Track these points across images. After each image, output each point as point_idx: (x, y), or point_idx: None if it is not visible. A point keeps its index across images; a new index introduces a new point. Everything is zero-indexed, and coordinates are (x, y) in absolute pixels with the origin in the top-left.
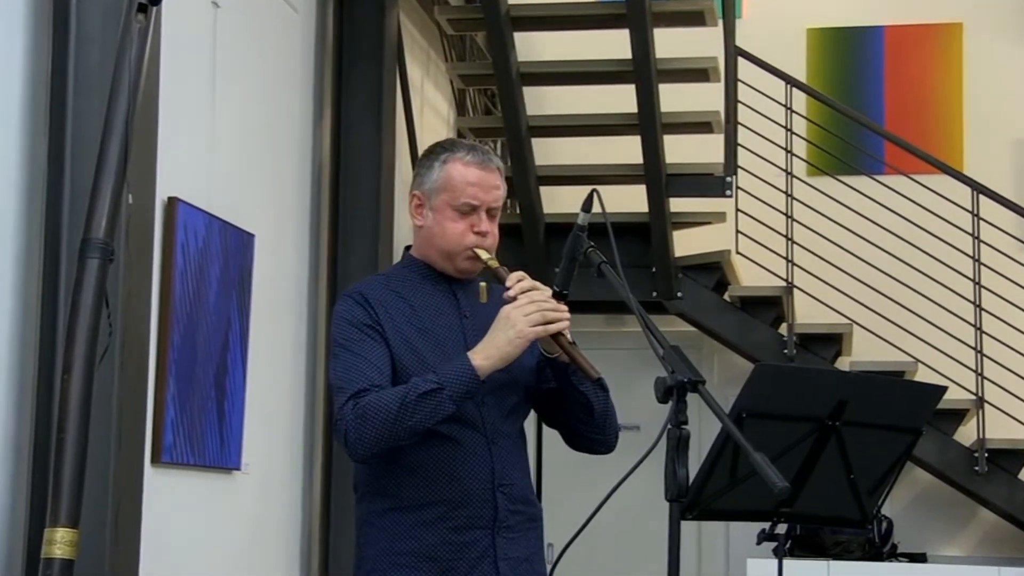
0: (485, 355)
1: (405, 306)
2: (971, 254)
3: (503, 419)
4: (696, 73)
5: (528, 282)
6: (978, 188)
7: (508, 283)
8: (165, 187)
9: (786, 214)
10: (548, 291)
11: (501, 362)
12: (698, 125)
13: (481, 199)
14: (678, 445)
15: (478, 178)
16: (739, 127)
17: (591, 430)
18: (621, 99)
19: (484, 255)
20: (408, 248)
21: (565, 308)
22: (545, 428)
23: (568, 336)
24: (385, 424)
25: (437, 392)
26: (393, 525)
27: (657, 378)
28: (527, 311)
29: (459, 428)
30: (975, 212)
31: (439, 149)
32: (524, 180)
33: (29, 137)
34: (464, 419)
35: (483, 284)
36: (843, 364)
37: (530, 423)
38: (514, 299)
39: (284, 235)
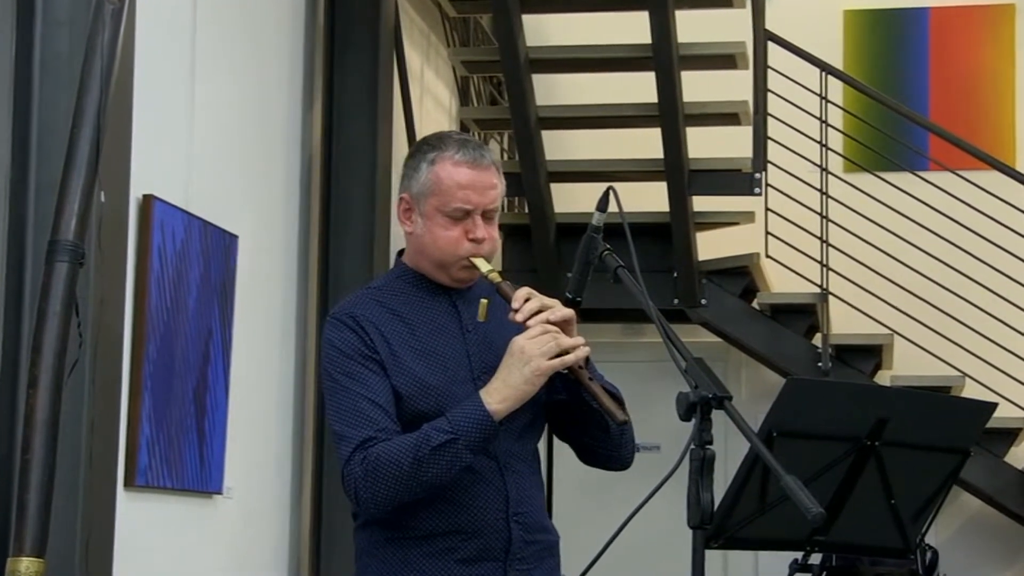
0: (501, 397)
1: (401, 326)
2: None
3: (515, 441)
4: (722, 59)
5: (536, 301)
6: None
7: (515, 304)
8: (140, 184)
9: (820, 214)
10: (559, 306)
11: (518, 403)
12: (724, 116)
13: (475, 202)
14: (702, 467)
15: (470, 179)
16: (769, 119)
17: (606, 446)
18: (640, 88)
19: (483, 266)
20: (400, 253)
21: (581, 340)
22: (557, 446)
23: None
24: (399, 481)
25: (452, 443)
26: (396, 556)
27: (679, 393)
28: (543, 343)
29: None
30: None
31: (426, 147)
32: (533, 176)
33: None
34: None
35: (484, 301)
36: (883, 378)
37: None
38: (523, 324)
39: (270, 236)
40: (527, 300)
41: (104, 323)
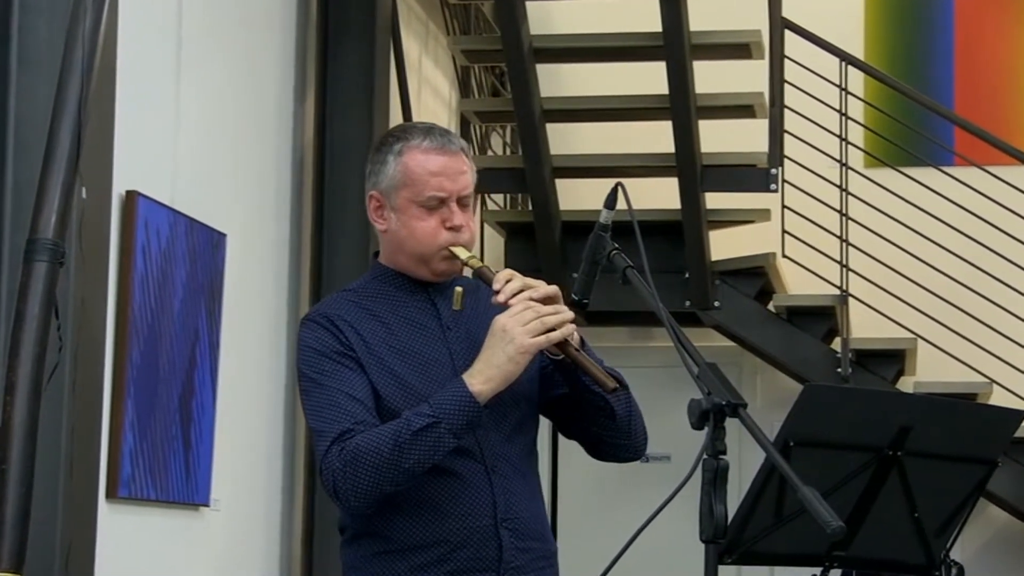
0: (485, 377)
1: (379, 325)
2: None
3: (504, 442)
4: (737, 48)
5: (518, 281)
6: None
7: (496, 285)
8: (123, 179)
9: (840, 212)
10: (542, 285)
11: (503, 383)
12: (739, 109)
13: (448, 189)
14: (715, 478)
15: (441, 166)
16: (786, 111)
17: (615, 435)
18: (650, 78)
19: (463, 253)
20: (376, 255)
21: (565, 308)
22: (561, 456)
23: (575, 339)
24: (379, 469)
25: (433, 427)
26: (384, 571)
27: (691, 401)
28: (525, 319)
29: (453, 457)
30: None
31: (390, 139)
32: (537, 172)
33: None
34: (458, 446)
35: (458, 289)
36: (906, 385)
37: (542, 447)
38: (505, 304)
39: (260, 235)
40: (508, 281)
41: (85, 326)
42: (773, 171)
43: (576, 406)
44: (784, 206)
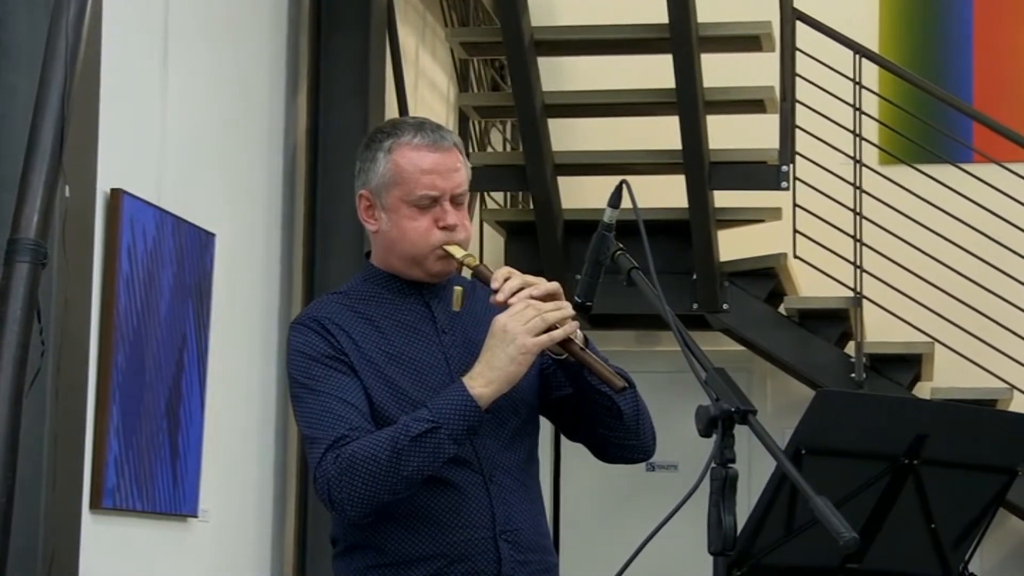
0: (486, 380)
1: (371, 329)
2: None
3: (503, 449)
4: (746, 40)
5: (517, 279)
6: None
7: (494, 284)
8: (108, 177)
9: (854, 211)
10: (542, 282)
11: (506, 385)
12: (748, 103)
13: (441, 187)
14: (724, 487)
15: (433, 163)
16: (797, 106)
17: (622, 436)
18: (656, 72)
19: (458, 253)
20: (368, 255)
21: (567, 304)
22: (564, 465)
23: (579, 337)
24: (376, 477)
25: (433, 432)
26: None
27: (699, 407)
28: (526, 318)
29: (450, 467)
30: None
31: (380, 135)
32: (539, 169)
33: None
34: (455, 456)
35: (458, 288)
36: (922, 391)
37: (544, 454)
38: (504, 304)
39: (250, 234)
40: (507, 279)
41: (69, 329)
42: (784, 168)
43: (581, 407)
44: (795, 205)
